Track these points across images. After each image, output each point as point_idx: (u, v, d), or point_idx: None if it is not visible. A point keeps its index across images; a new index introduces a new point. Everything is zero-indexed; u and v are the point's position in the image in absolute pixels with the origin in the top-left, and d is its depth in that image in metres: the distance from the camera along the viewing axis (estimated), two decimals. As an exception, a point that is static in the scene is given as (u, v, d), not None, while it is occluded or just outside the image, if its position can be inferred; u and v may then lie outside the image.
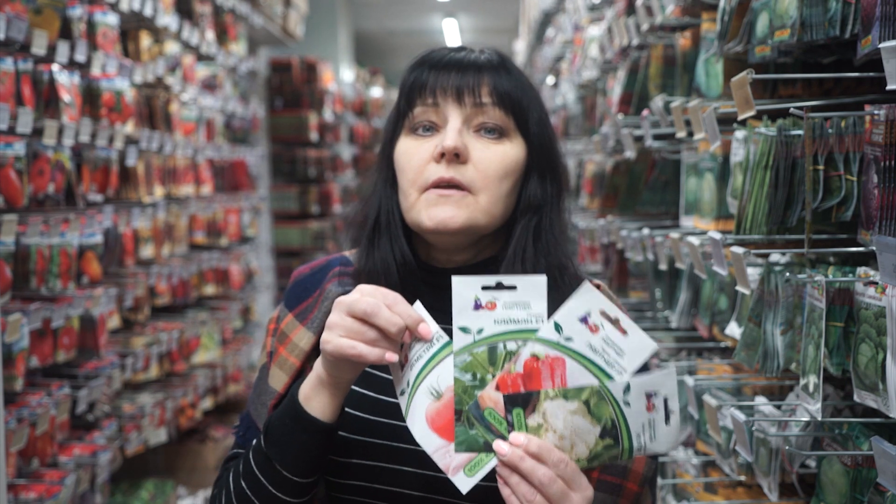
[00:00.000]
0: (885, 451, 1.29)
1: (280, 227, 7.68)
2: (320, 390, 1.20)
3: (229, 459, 1.38)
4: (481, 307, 1.12)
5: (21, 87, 2.86)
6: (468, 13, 13.67)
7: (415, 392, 1.14)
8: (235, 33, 5.74)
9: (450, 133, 1.26)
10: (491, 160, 1.27)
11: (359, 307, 1.12)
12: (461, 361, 1.12)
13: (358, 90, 11.04)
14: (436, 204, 1.26)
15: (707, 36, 2.30)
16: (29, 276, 2.95)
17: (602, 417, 1.10)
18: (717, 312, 2.29)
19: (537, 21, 7.06)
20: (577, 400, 1.10)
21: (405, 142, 1.31)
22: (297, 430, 1.20)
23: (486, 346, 1.12)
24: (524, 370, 1.11)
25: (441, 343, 1.14)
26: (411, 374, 1.14)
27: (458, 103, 1.28)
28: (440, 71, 1.30)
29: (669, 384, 1.10)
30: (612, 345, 1.11)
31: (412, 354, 1.14)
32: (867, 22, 1.43)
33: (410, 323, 1.13)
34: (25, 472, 2.95)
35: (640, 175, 3.08)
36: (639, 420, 1.10)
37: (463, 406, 1.11)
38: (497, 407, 1.10)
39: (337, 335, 1.14)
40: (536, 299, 1.12)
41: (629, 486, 1.26)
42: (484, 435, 1.11)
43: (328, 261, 1.42)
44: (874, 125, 1.43)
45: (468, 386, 1.11)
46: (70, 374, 3.40)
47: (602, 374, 1.11)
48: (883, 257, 1.27)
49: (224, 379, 5.17)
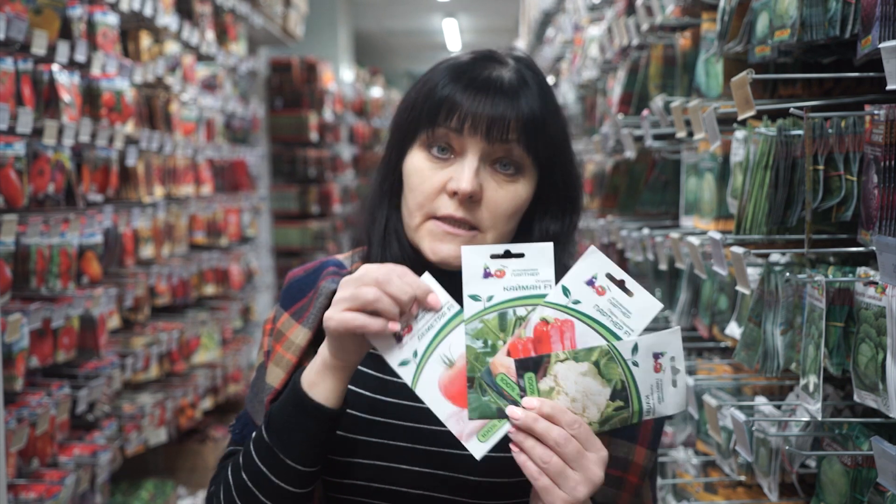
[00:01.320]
0: (885, 451, 1.29)
1: (280, 227, 7.68)
2: (325, 375, 1.19)
3: (226, 457, 1.37)
4: (490, 275, 1.14)
5: (21, 87, 2.86)
6: (468, 13, 13.67)
7: (426, 361, 1.13)
8: (235, 33, 5.74)
9: (466, 174, 1.23)
10: (503, 200, 1.26)
11: (370, 276, 1.13)
12: (472, 328, 1.12)
13: (358, 90, 11.04)
14: (441, 240, 1.25)
15: (707, 36, 2.30)
16: (29, 276, 2.95)
17: (612, 378, 1.11)
18: (717, 312, 2.29)
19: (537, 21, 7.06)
20: (587, 361, 1.11)
21: (418, 157, 1.28)
22: (301, 418, 1.20)
23: (496, 313, 1.13)
24: (534, 335, 1.12)
25: (452, 312, 1.14)
26: (420, 343, 1.14)
27: (482, 137, 1.24)
28: (475, 94, 1.25)
29: (675, 343, 1.13)
30: (619, 306, 1.13)
31: (421, 324, 1.14)
32: (867, 22, 1.43)
33: (420, 293, 1.13)
34: (25, 472, 2.95)
35: (640, 175, 3.08)
36: (647, 381, 1.12)
37: (475, 373, 1.12)
38: (509, 372, 1.11)
39: (340, 310, 1.14)
40: (544, 266, 1.14)
41: (630, 478, 1.26)
42: (497, 401, 1.11)
43: (322, 262, 1.42)
44: (874, 125, 1.43)
45: (480, 353, 1.12)
46: (70, 374, 3.40)
47: (610, 334, 1.12)
48: (883, 257, 1.27)
49: (224, 379, 5.17)
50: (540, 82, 1.30)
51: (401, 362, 1.14)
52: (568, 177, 1.32)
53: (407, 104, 1.32)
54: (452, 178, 1.25)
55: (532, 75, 1.30)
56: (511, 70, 1.29)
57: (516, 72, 1.29)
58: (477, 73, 1.28)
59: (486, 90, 1.26)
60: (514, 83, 1.27)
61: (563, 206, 1.32)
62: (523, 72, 1.30)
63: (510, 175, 1.26)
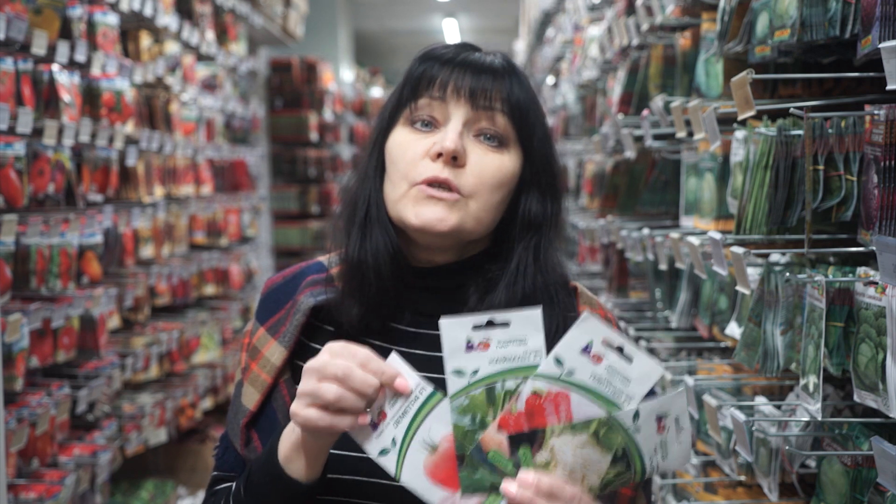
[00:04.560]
0: (885, 451, 1.29)
1: (280, 227, 7.69)
2: (300, 453, 1.16)
3: (213, 484, 1.34)
4: (474, 348, 1.07)
5: (21, 87, 2.86)
6: (468, 13, 13.67)
7: (406, 448, 1.08)
8: (235, 33, 5.73)
9: (450, 134, 1.23)
10: (488, 167, 1.24)
11: (329, 372, 1.08)
12: (458, 405, 1.07)
13: (358, 90, 11.04)
14: (425, 203, 1.23)
15: (707, 36, 2.30)
16: (29, 276, 2.95)
17: (613, 446, 1.06)
18: (717, 312, 2.28)
19: (537, 21, 7.06)
20: (585, 433, 1.06)
21: (401, 133, 1.28)
22: (277, 490, 1.17)
23: (483, 388, 1.07)
24: (526, 408, 1.06)
25: (426, 395, 1.08)
26: (398, 430, 1.08)
27: (467, 104, 1.24)
28: (455, 68, 1.26)
29: (679, 404, 1.08)
30: (618, 373, 1.07)
31: (396, 409, 1.09)
32: (867, 22, 1.43)
33: (385, 380, 1.08)
34: (25, 472, 2.95)
35: (640, 175, 3.08)
36: (650, 443, 1.07)
37: (465, 451, 1.06)
38: (501, 448, 1.06)
39: (305, 406, 1.09)
40: (532, 334, 1.08)
41: (623, 491, 1.24)
42: (490, 477, 1.06)
43: (301, 269, 1.39)
44: (874, 125, 1.43)
45: (468, 430, 1.07)
46: (70, 374, 3.40)
47: (609, 404, 1.07)
48: (883, 257, 1.27)
49: (224, 379, 5.17)
50: (519, 71, 1.31)
51: (380, 451, 1.09)
52: (551, 166, 1.31)
53: (388, 99, 1.33)
54: (436, 143, 1.24)
55: (515, 67, 1.31)
56: (494, 57, 1.30)
57: (500, 60, 1.30)
58: (457, 52, 1.29)
59: (467, 65, 1.26)
60: (498, 65, 1.28)
61: (545, 191, 1.30)
62: (508, 61, 1.30)
63: (494, 146, 1.25)
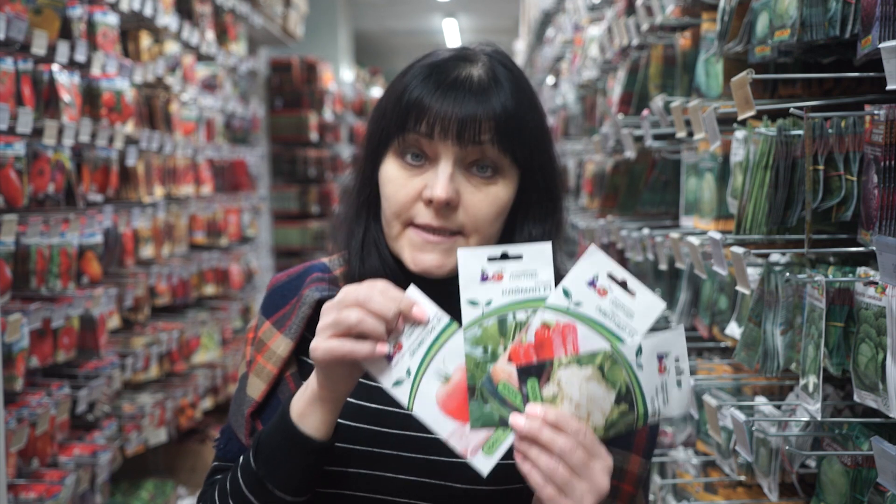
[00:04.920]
0: (885, 451, 1.29)
1: (280, 227, 7.69)
2: (315, 406, 1.15)
3: (213, 473, 1.33)
4: (488, 278, 1.10)
5: (21, 87, 2.86)
6: (468, 13, 13.67)
7: (420, 378, 1.09)
8: (235, 33, 5.74)
9: (441, 181, 1.19)
10: (482, 204, 1.21)
11: (350, 299, 1.08)
12: (471, 335, 1.09)
13: (358, 90, 11.04)
14: (422, 249, 1.21)
15: (707, 36, 2.30)
16: (29, 276, 2.95)
17: (616, 382, 1.08)
18: (717, 312, 2.28)
19: (537, 21, 7.06)
20: (591, 365, 1.08)
21: (392, 167, 1.24)
22: (291, 450, 1.16)
23: (495, 318, 1.09)
24: (536, 339, 1.08)
25: (442, 325, 1.10)
26: (412, 361, 1.10)
27: (454, 141, 1.20)
28: (443, 95, 1.20)
29: (679, 344, 1.10)
30: (622, 307, 1.10)
31: (412, 340, 1.10)
32: (867, 22, 1.43)
33: (404, 307, 1.09)
34: (25, 472, 2.95)
35: (640, 175, 3.08)
36: (652, 383, 1.09)
37: (476, 382, 1.08)
38: (511, 379, 1.08)
39: (325, 338, 1.09)
40: (543, 267, 1.10)
41: (625, 487, 1.25)
42: (499, 410, 1.07)
43: (306, 267, 1.38)
44: (874, 125, 1.43)
45: (480, 361, 1.08)
46: (70, 374, 3.40)
47: (613, 337, 1.09)
48: (883, 257, 1.27)
49: (224, 379, 5.17)
50: (514, 78, 1.25)
51: (394, 382, 1.10)
52: (549, 176, 1.28)
53: (378, 112, 1.28)
54: (427, 186, 1.20)
55: (505, 72, 1.25)
56: (482, 68, 1.24)
57: (488, 70, 1.24)
58: (446, 73, 1.23)
59: (454, 90, 1.21)
60: (485, 82, 1.22)
61: (545, 206, 1.28)
62: (496, 69, 1.24)
63: (488, 178, 1.22)
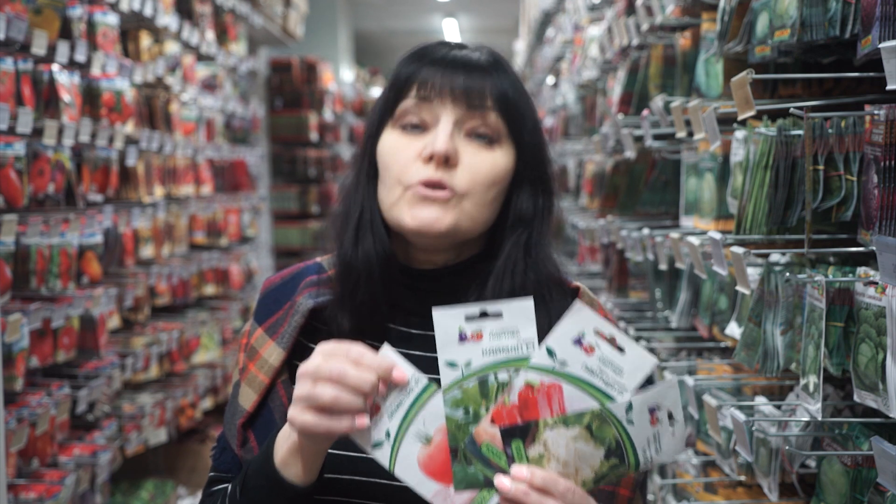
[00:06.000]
0: (885, 451, 1.29)
1: (280, 227, 7.69)
2: (297, 457, 1.15)
3: (209, 484, 1.33)
4: (467, 339, 1.07)
5: (21, 87, 2.86)
6: (468, 13, 13.67)
7: (400, 440, 1.07)
8: (235, 33, 5.74)
9: (440, 136, 1.21)
10: (481, 166, 1.22)
11: (323, 374, 1.06)
12: (451, 398, 1.06)
13: (358, 90, 11.04)
14: (421, 204, 1.21)
15: (707, 36, 2.30)
16: (29, 276, 2.95)
17: (605, 439, 1.06)
18: (717, 312, 2.28)
19: (537, 21, 7.06)
20: (578, 426, 1.06)
21: (391, 136, 1.26)
22: (273, 493, 1.16)
23: (476, 380, 1.07)
24: (519, 400, 1.06)
25: (420, 386, 1.08)
26: (391, 423, 1.07)
27: (455, 104, 1.22)
28: (444, 68, 1.24)
29: (672, 396, 1.07)
30: (610, 364, 1.07)
31: (390, 402, 1.08)
32: (867, 22, 1.43)
33: (382, 373, 1.07)
34: (25, 472, 2.95)
35: (640, 175, 3.08)
36: (643, 435, 1.06)
37: (458, 443, 1.06)
38: (494, 441, 1.06)
39: (301, 410, 1.08)
40: (525, 324, 1.07)
41: (622, 491, 1.24)
42: (483, 471, 1.06)
43: (300, 269, 1.38)
44: (874, 125, 1.43)
45: (461, 423, 1.06)
46: (70, 374, 3.40)
47: (602, 395, 1.06)
48: (883, 257, 1.27)
49: (224, 379, 5.17)
50: (507, 64, 1.29)
51: (374, 444, 1.08)
52: (542, 160, 1.30)
53: (376, 103, 1.31)
54: (426, 145, 1.22)
55: (503, 62, 1.29)
56: (481, 53, 1.28)
57: (487, 55, 1.28)
58: (444, 52, 1.27)
59: (454, 64, 1.24)
60: (485, 62, 1.27)
61: (536, 187, 1.29)
62: (494, 56, 1.29)
63: (486, 144, 1.24)
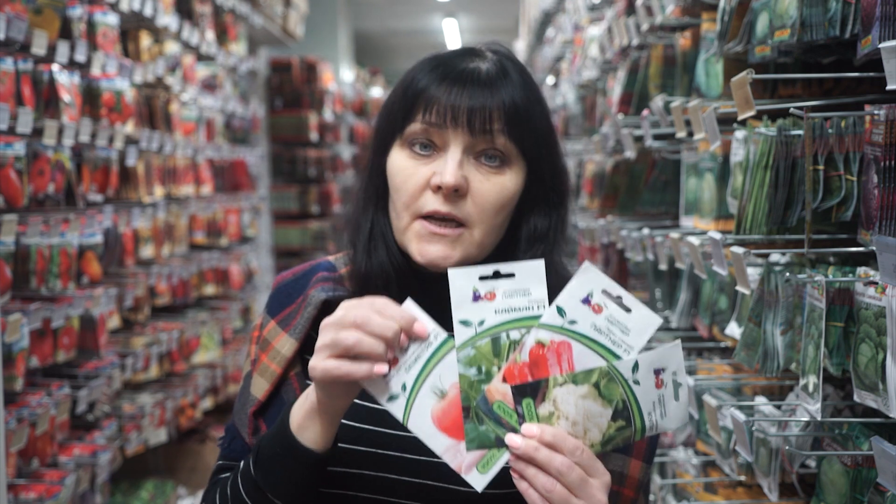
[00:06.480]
0: (885, 451, 1.29)
1: (280, 227, 7.68)
2: (314, 419, 1.15)
3: (217, 472, 1.34)
4: (480, 298, 1.09)
5: (21, 87, 2.86)
6: (468, 13, 13.67)
7: (416, 394, 1.09)
8: (235, 33, 5.74)
9: (449, 167, 1.19)
10: (489, 193, 1.21)
11: (347, 320, 1.08)
12: (464, 356, 1.08)
13: (358, 90, 11.04)
14: (429, 241, 1.21)
15: (707, 36, 2.30)
16: (29, 276, 2.95)
17: (613, 399, 1.08)
18: (717, 312, 2.28)
19: (537, 21, 7.06)
20: (586, 383, 1.08)
21: (400, 157, 1.24)
22: (288, 460, 1.16)
23: (488, 338, 1.09)
24: (530, 358, 1.08)
25: (439, 341, 1.10)
26: (408, 376, 1.09)
27: (464, 129, 1.20)
28: (452, 86, 1.21)
29: (676, 357, 1.10)
30: (617, 323, 1.09)
31: (408, 356, 1.10)
32: (867, 22, 1.43)
33: (404, 324, 1.08)
34: (25, 472, 2.95)
35: (640, 175, 3.08)
36: (649, 398, 1.09)
37: (470, 402, 1.08)
38: (506, 399, 1.07)
39: (323, 358, 1.09)
40: (536, 285, 1.10)
41: (626, 492, 1.24)
42: (495, 430, 1.07)
43: (312, 266, 1.38)
44: (874, 125, 1.43)
45: (474, 380, 1.08)
46: (70, 374, 3.40)
47: (609, 354, 1.09)
48: (883, 257, 1.27)
49: (224, 379, 5.18)
50: (521, 72, 1.26)
51: (389, 397, 1.10)
52: (555, 170, 1.28)
53: (385, 108, 1.29)
54: (436, 173, 1.21)
55: (513, 66, 1.26)
56: (490, 62, 1.25)
57: (496, 63, 1.25)
58: (453, 66, 1.24)
59: (463, 82, 1.22)
60: (494, 74, 1.23)
61: (550, 201, 1.28)
62: (504, 63, 1.25)
63: (496, 167, 1.22)
